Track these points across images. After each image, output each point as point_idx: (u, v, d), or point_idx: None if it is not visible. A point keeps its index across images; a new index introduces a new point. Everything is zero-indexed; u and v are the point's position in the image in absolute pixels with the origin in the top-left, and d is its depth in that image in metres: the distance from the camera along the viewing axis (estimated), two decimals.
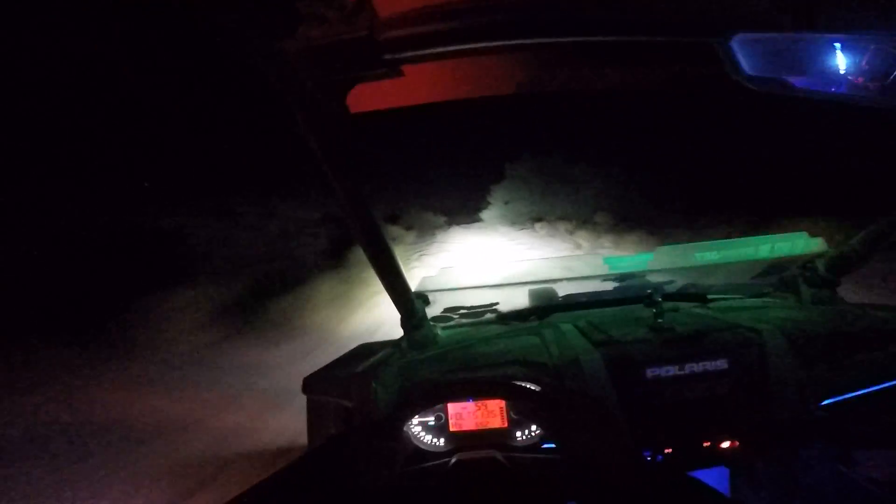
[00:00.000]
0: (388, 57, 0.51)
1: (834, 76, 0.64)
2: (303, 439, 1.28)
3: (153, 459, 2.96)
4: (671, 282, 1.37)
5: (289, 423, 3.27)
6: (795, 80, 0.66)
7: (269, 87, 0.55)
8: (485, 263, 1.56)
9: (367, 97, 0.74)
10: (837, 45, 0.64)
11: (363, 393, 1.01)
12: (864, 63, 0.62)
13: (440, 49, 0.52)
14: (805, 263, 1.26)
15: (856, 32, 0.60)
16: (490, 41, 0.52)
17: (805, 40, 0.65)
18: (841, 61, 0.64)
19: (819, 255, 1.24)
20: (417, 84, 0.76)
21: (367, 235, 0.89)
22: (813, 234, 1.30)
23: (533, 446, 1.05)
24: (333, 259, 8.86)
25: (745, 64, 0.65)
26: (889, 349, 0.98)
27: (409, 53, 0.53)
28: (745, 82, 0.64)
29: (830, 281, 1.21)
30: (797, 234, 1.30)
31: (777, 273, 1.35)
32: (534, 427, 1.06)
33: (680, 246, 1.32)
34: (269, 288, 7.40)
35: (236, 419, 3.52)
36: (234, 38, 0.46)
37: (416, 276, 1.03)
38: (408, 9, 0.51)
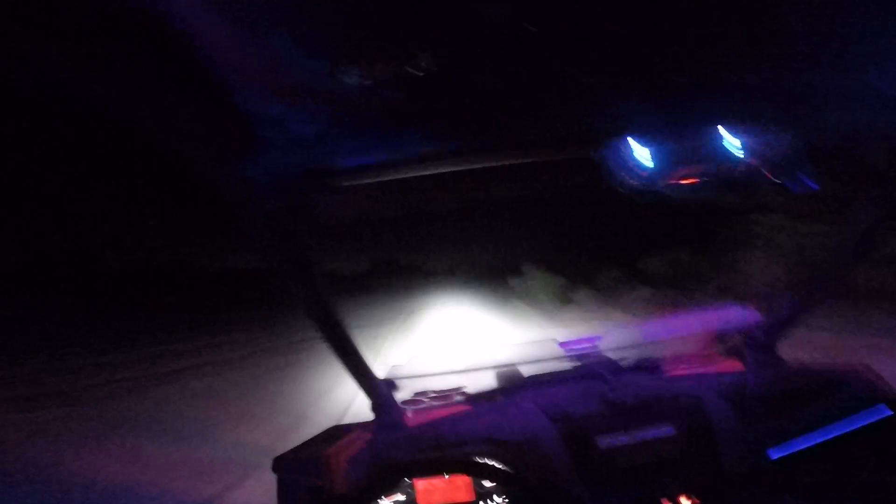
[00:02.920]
0: (344, 183, 0.59)
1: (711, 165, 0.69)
2: None
3: None
4: (624, 358, 1.49)
5: None
6: (678, 174, 0.71)
7: (233, 210, 0.59)
8: (451, 351, 1.65)
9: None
10: (718, 132, 0.69)
11: (333, 472, 1.05)
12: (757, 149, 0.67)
13: (387, 178, 0.61)
14: (746, 332, 1.39)
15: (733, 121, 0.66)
16: (425, 170, 0.61)
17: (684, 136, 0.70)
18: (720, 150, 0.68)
19: (757, 323, 1.36)
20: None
21: (331, 334, 0.98)
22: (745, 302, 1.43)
23: None
24: None
25: (621, 170, 0.69)
26: (822, 402, 1.09)
27: (361, 181, 0.61)
28: (622, 188, 0.70)
29: (770, 346, 1.34)
30: (731, 305, 1.45)
31: (723, 342, 1.47)
32: (499, 500, 1.08)
33: (627, 327, 1.43)
34: None
35: None
36: (200, 166, 0.50)
37: (388, 361, 1.11)
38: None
